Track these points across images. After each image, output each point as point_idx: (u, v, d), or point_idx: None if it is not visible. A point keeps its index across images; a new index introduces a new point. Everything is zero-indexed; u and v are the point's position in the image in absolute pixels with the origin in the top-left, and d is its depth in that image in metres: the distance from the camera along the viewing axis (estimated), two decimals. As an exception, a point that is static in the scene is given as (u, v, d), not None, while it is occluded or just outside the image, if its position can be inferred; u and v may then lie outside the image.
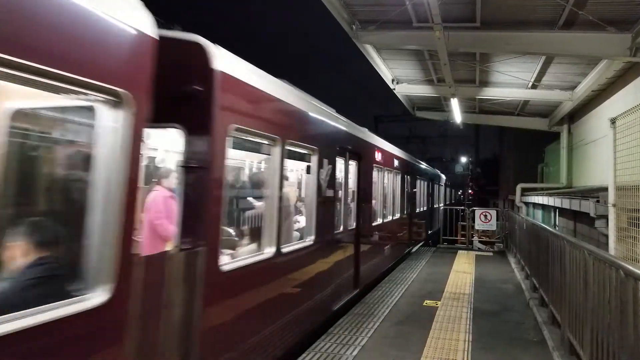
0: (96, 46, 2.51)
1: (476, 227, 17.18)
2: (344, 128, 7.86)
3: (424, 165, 19.00)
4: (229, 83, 3.98)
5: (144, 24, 2.86)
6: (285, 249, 5.30)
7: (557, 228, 12.54)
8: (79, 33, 2.40)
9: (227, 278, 4.05)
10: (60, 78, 2.25)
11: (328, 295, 6.94)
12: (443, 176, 23.35)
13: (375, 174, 10.03)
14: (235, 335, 4.32)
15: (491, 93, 13.96)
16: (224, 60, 3.92)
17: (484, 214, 16.79)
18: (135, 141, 2.70)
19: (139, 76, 2.80)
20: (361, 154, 8.82)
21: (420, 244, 17.59)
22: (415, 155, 19.09)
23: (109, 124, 2.60)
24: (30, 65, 2.09)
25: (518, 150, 25.55)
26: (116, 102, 2.59)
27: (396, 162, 12.30)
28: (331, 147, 6.99)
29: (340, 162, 7.55)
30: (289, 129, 5.39)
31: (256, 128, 4.59)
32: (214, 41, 3.91)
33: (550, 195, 13.39)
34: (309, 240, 6.13)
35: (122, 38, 2.70)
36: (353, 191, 8.57)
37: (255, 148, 5.25)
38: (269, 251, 4.89)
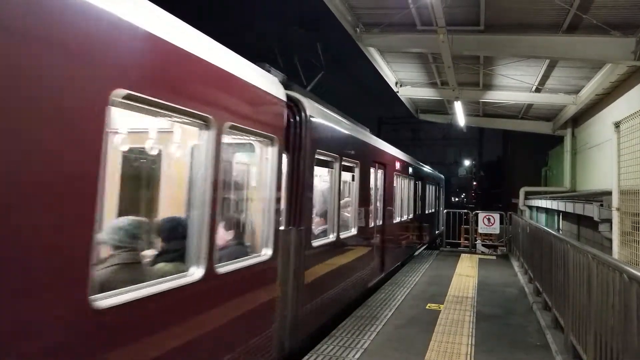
0: (267, 111, 4.58)
1: (479, 231, 17.14)
2: (373, 143, 9.66)
3: (428, 169, 19.12)
4: (314, 124, 5.91)
5: (283, 94, 4.94)
6: (341, 236, 7.27)
7: (560, 232, 12.51)
8: (263, 105, 4.52)
9: (314, 250, 6.04)
10: (254, 132, 4.30)
11: (366, 274, 8.92)
12: (442, 177, 23.38)
13: (395, 180, 11.75)
14: (319, 288, 6.31)
15: (495, 96, 13.96)
16: (311, 110, 5.84)
17: (487, 217, 16.76)
18: (280, 162, 4.78)
19: (279, 125, 4.79)
20: (385, 163, 10.39)
21: (425, 246, 17.60)
22: (418, 159, 19.11)
23: (267, 154, 4.64)
24: (251, 130, 4.20)
25: (522, 154, 25.54)
26: (271, 142, 4.61)
27: (410, 169, 13.79)
28: (367, 160, 8.85)
29: (372, 172, 9.35)
30: (343, 149, 7.36)
31: (328, 150, 6.60)
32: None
33: (553, 198, 13.36)
34: (353, 231, 7.99)
35: (275, 105, 4.76)
36: (380, 194, 10.16)
37: (325, 163, 7.09)
38: (332, 236, 6.92)
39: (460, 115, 15.41)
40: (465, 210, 19.12)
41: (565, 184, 15.97)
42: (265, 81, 4.57)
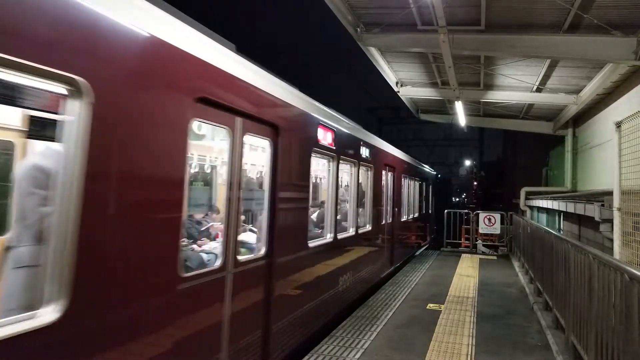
0: (375, 153, 8.68)
1: (480, 231, 17.12)
2: (385, 149, 10.86)
3: (427, 168, 19.04)
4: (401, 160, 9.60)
5: (390, 147, 9.78)
6: (360, 230, 8.60)
7: (561, 232, 12.48)
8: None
9: (339, 240, 7.29)
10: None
11: (378, 267, 10.23)
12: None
13: (403, 181, 13.04)
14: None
15: (496, 96, 13.94)
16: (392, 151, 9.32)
17: (487, 217, 16.74)
18: (378, 180, 9.07)
19: (387, 159, 9.39)
20: (395, 167, 11.70)
21: (425, 247, 17.57)
22: (419, 159, 18.99)
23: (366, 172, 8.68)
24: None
25: (522, 154, 25.50)
26: (372, 166, 8.62)
27: (414, 171, 14.90)
28: (380, 164, 9.98)
29: (384, 174, 10.45)
30: (361, 156, 8.56)
31: (349, 157, 7.87)
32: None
33: (554, 199, 13.34)
34: (368, 227, 9.29)
35: (385, 152, 9.29)
36: (389, 194, 11.28)
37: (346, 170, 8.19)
38: (352, 230, 8.17)
39: (461, 115, 15.39)
40: (466, 210, 19.09)
41: (566, 184, 15.94)
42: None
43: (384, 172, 10.51)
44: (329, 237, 6.89)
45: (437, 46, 9.08)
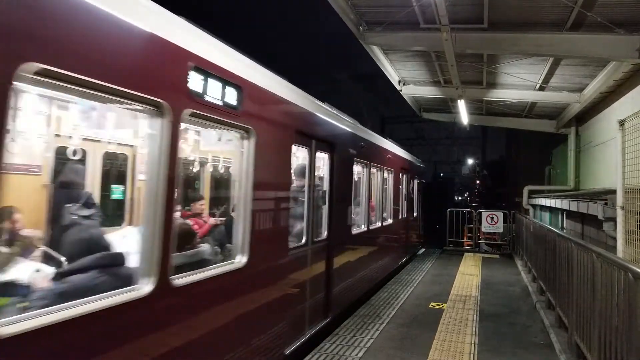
0: (393, 158, 11.32)
1: (483, 230, 17.11)
2: (400, 154, 12.97)
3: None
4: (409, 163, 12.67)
5: (401, 150, 12.59)
6: (384, 223, 10.79)
7: (564, 231, 12.45)
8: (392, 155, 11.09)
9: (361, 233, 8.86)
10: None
11: (394, 255, 12.03)
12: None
13: (414, 182, 14.81)
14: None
15: (498, 95, 13.90)
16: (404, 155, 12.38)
17: (490, 216, 16.72)
18: (397, 182, 11.86)
19: (402, 164, 12.21)
20: (408, 169, 13.30)
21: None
22: (421, 158, 18.85)
23: (384, 175, 10.77)
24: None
25: (525, 152, 25.42)
26: (386, 169, 10.74)
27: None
28: (396, 166, 11.91)
29: (399, 176, 12.30)
30: (385, 161, 10.63)
31: (380, 163, 10.26)
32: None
33: (557, 197, 13.31)
34: (390, 220, 11.31)
35: (399, 157, 12.12)
36: (405, 193, 13.20)
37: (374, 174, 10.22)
38: (377, 224, 10.12)
39: (463, 114, 15.35)
40: (469, 209, 19.07)
41: (569, 183, 15.90)
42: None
43: (404, 177, 12.23)
44: (363, 227, 9.08)
45: (440, 45, 9.05)
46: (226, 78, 3.96)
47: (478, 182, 49.05)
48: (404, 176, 13.03)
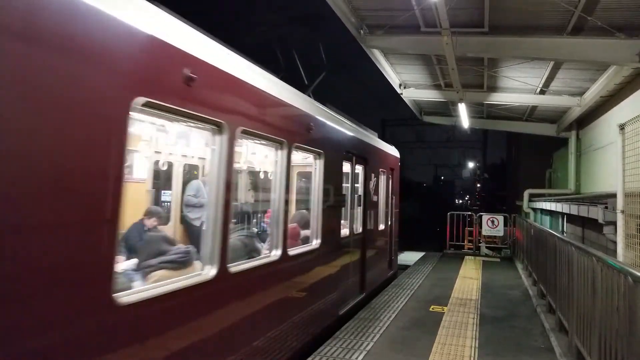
0: (391, 162, 11.63)
1: (483, 233, 17.09)
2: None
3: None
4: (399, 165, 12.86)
5: (397, 153, 12.65)
6: (390, 223, 11.80)
7: (565, 234, 12.45)
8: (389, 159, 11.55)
9: (369, 232, 9.49)
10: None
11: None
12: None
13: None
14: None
15: (499, 98, 13.93)
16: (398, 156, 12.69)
17: (491, 219, 16.71)
18: (394, 185, 11.99)
19: (396, 166, 12.24)
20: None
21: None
22: (422, 161, 19.02)
23: (389, 180, 11.39)
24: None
25: (526, 156, 25.41)
26: (389, 174, 11.22)
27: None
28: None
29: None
30: (392, 167, 11.80)
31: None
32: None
33: (558, 201, 13.32)
34: (391, 222, 12.13)
35: (394, 159, 12.20)
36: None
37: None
38: (383, 225, 11.00)
39: (464, 117, 15.38)
40: (469, 213, 19.07)
41: (570, 186, 15.91)
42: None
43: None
44: (382, 226, 10.78)
45: (441, 48, 9.07)
46: (309, 122, 6.02)
47: (479, 185, 49.05)
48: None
